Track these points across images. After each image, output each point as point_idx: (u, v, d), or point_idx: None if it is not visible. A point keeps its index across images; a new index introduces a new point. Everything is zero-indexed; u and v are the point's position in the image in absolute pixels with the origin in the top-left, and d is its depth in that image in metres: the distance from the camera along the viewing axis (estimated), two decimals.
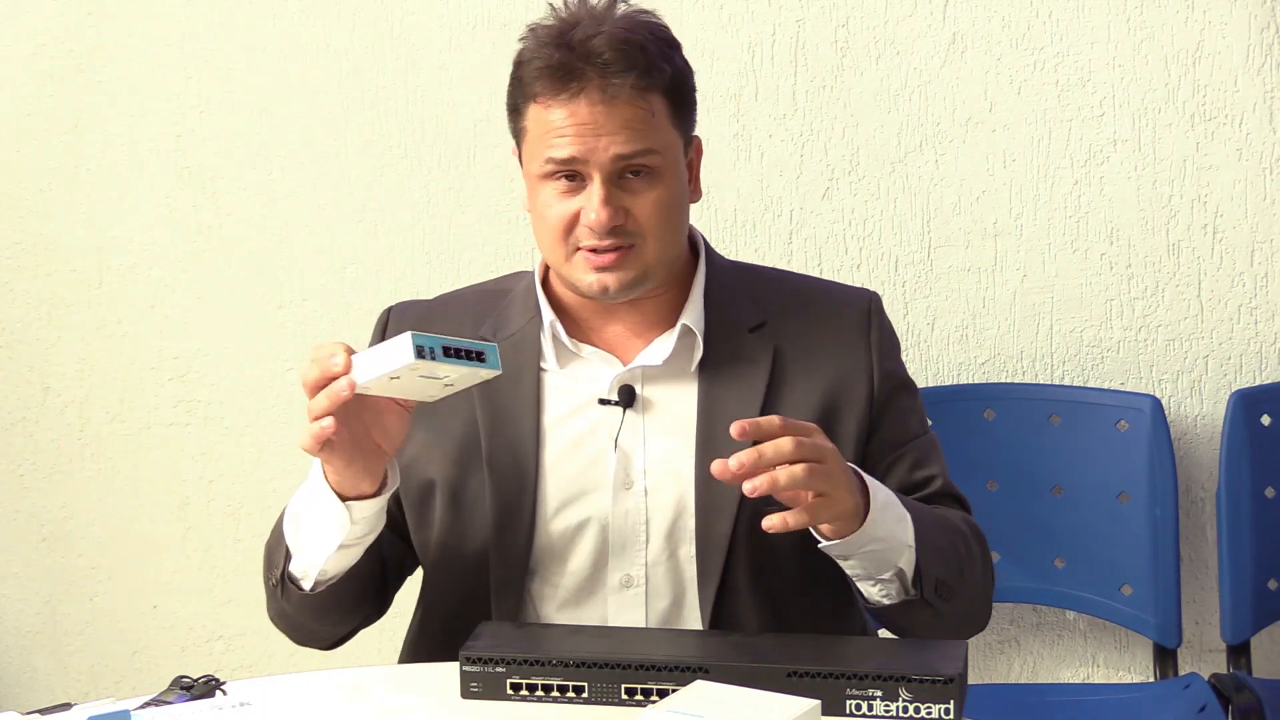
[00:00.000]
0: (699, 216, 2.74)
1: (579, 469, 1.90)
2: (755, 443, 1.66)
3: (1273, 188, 2.68)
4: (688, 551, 1.89)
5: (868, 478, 1.76)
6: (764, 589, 1.87)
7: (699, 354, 1.91)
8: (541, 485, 1.90)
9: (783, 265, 2.78)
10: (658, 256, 1.86)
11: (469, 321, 1.96)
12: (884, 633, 2.56)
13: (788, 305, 1.96)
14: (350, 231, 2.92)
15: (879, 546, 1.76)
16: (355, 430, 1.73)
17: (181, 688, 1.74)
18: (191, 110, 2.94)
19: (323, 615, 1.91)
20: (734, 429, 1.65)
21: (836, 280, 2.70)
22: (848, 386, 1.91)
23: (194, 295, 2.99)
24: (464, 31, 2.83)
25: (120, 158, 2.97)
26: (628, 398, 1.90)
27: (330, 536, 1.80)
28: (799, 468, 1.65)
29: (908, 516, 1.79)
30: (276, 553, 1.88)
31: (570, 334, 1.92)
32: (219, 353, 3.00)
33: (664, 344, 1.91)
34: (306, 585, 1.86)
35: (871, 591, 1.81)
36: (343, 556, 1.83)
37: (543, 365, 1.93)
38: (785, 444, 1.65)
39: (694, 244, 1.97)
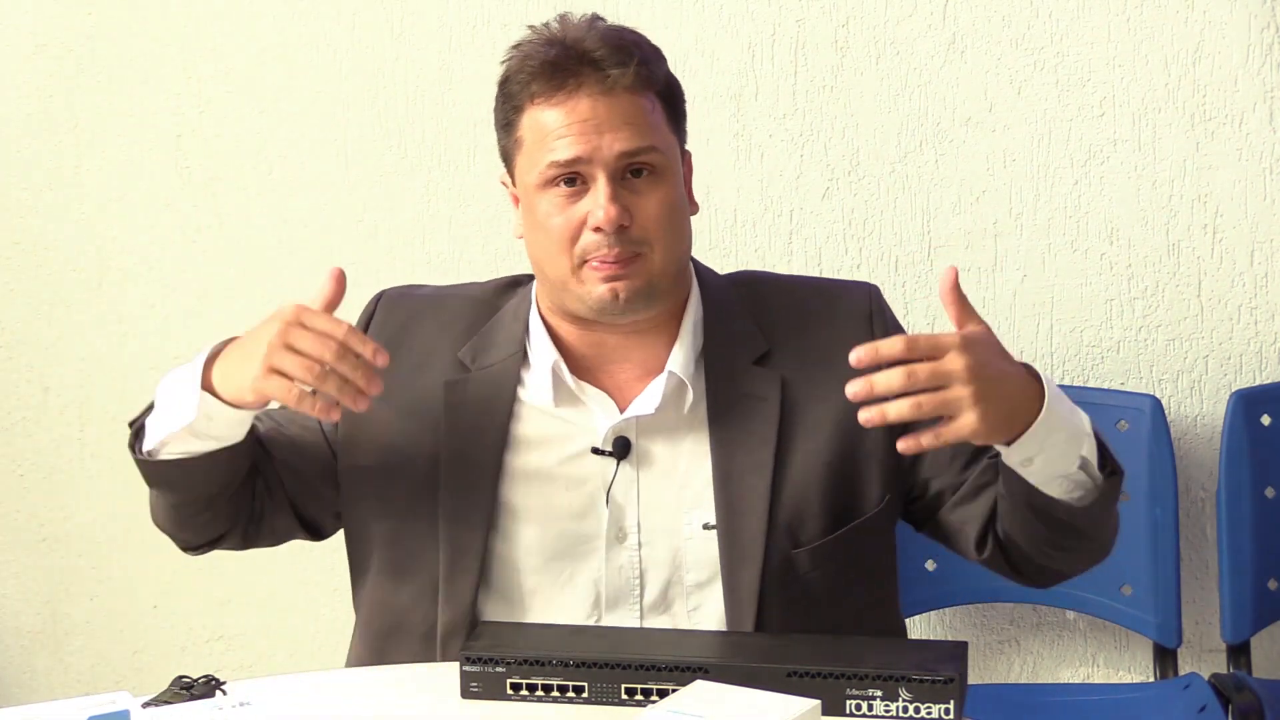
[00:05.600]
0: (699, 217, 2.73)
1: (569, 518, 1.87)
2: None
3: (1273, 188, 2.68)
4: (685, 605, 1.87)
5: (1044, 376, 1.70)
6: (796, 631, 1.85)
7: (690, 398, 1.86)
8: (498, 528, 1.86)
9: (783, 266, 2.78)
10: (664, 265, 1.82)
11: (453, 335, 1.93)
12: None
13: (790, 324, 1.91)
14: (350, 231, 2.92)
15: (1057, 439, 1.70)
16: None
17: (181, 688, 1.74)
18: (191, 110, 2.94)
19: (162, 493, 1.87)
20: (851, 357, 1.60)
21: (834, 278, 2.73)
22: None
23: (194, 295, 2.99)
24: (464, 31, 2.83)
25: (120, 158, 2.97)
26: (622, 449, 1.86)
27: (178, 417, 1.76)
28: (905, 402, 1.60)
29: (1078, 408, 1.73)
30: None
31: (570, 368, 1.88)
32: None
33: (654, 391, 1.86)
34: (146, 445, 1.82)
35: (1061, 492, 1.75)
36: (186, 443, 1.79)
37: (519, 402, 1.88)
38: (894, 377, 1.60)
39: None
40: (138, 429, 1.84)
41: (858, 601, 1.90)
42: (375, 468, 1.90)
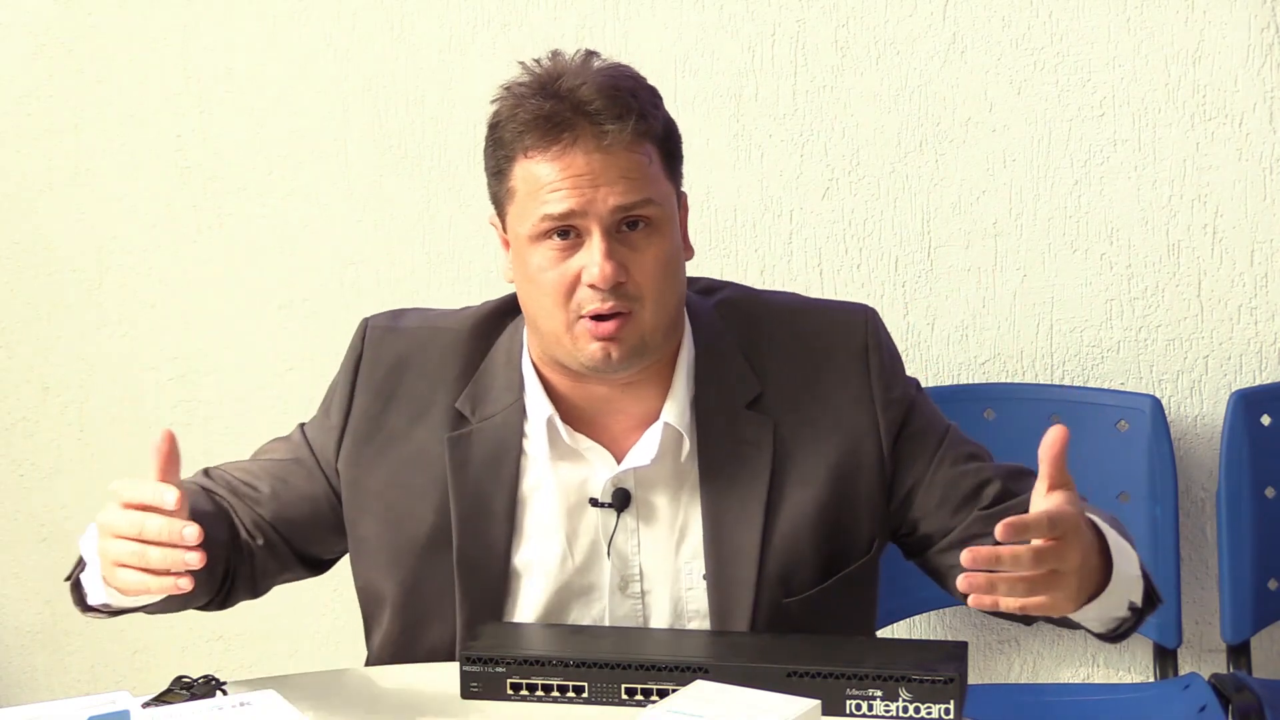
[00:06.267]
0: (699, 216, 2.73)
1: (572, 570, 1.85)
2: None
3: (1273, 188, 2.68)
4: None
5: (1105, 529, 1.68)
6: None
7: (686, 448, 1.84)
8: (515, 584, 1.85)
9: (783, 266, 2.78)
10: (656, 321, 1.77)
11: (446, 382, 1.88)
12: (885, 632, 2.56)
13: (782, 361, 1.87)
14: (350, 231, 2.92)
15: (1115, 596, 1.70)
16: None
17: (181, 688, 1.74)
18: (191, 110, 2.94)
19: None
20: (999, 532, 1.51)
21: (838, 289, 2.74)
22: (855, 450, 1.85)
23: (194, 295, 2.99)
24: (464, 31, 2.83)
25: (120, 158, 2.97)
26: (622, 500, 1.83)
27: (100, 596, 1.74)
28: (1023, 584, 1.54)
29: (1128, 547, 1.72)
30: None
31: (565, 420, 1.84)
32: (219, 353, 3.00)
33: (649, 442, 1.83)
34: (91, 601, 1.78)
35: (1100, 628, 1.75)
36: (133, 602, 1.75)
37: (525, 455, 1.85)
38: (1023, 560, 1.53)
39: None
40: (75, 581, 1.80)
41: (841, 633, 1.88)
42: (384, 526, 1.88)
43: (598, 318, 1.75)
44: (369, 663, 1.95)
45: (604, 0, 2.76)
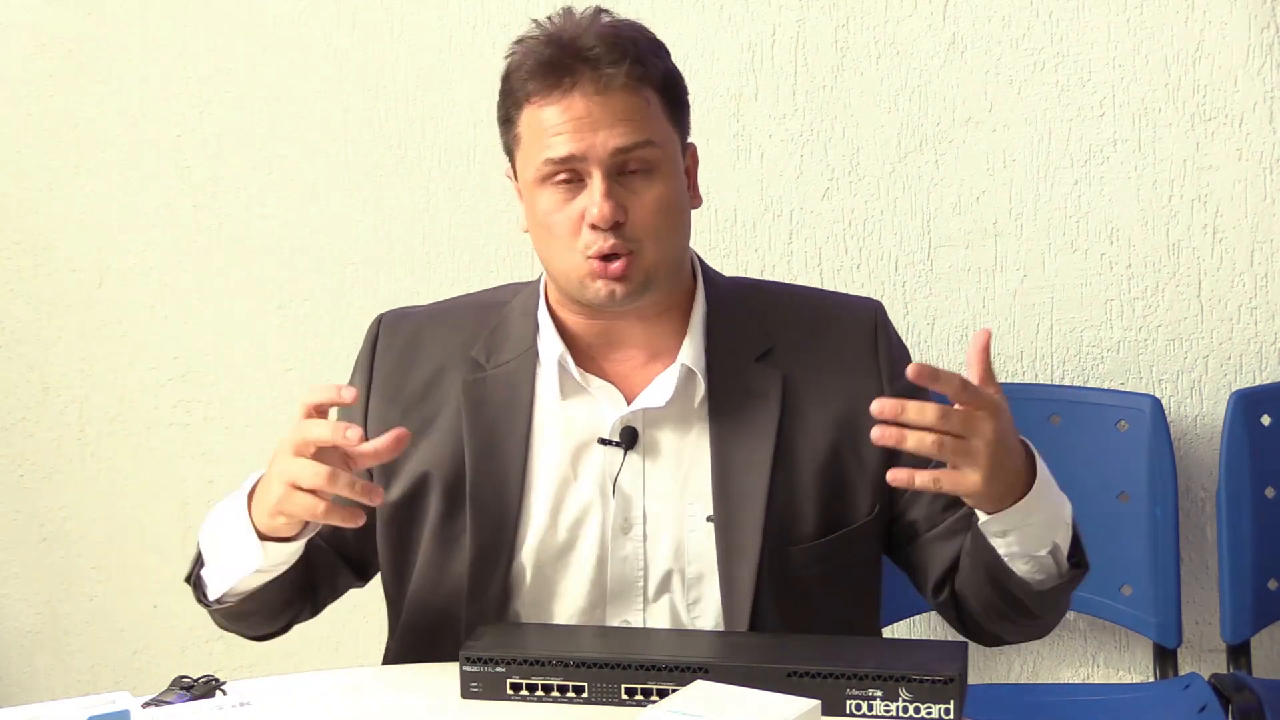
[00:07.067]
0: (699, 217, 2.73)
1: (577, 510, 1.87)
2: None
3: (1273, 188, 2.68)
4: (685, 598, 1.87)
5: (1035, 453, 1.73)
6: (791, 628, 1.85)
7: (700, 392, 1.88)
8: (524, 526, 1.87)
9: (783, 266, 2.78)
10: (659, 259, 1.83)
11: (462, 338, 1.93)
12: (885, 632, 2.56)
13: (793, 326, 1.92)
14: (350, 231, 2.92)
15: (1036, 520, 1.73)
16: None
17: (181, 688, 1.74)
18: (191, 110, 2.94)
19: (234, 621, 1.91)
20: (910, 371, 1.61)
21: (838, 289, 2.74)
22: (860, 414, 1.84)
23: (194, 295, 2.99)
24: (464, 31, 2.83)
25: (120, 158, 2.97)
26: (629, 439, 1.86)
27: (241, 566, 1.80)
28: (929, 438, 1.61)
29: (1063, 496, 1.77)
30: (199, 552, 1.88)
31: (576, 362, 1.89)
32: (219, 353, 3.00)
33: (665, 383, 1.87)
34: (211, 596, 1.86)
35: (1024, 570, 1.78)
36: (254, 579, 1.83)
37: (536, 397, 1.89)
38: (929, 411, 1.61)
39: (692, 266, 1.94)
40: (196, 581, 1.89)
41: (844, 606, 1.91)
42: (412, 487, 1.91)
43: (604, 258, 1.80)
44: (403, 614, 1.96)
45: (604, 1, 2.76)
